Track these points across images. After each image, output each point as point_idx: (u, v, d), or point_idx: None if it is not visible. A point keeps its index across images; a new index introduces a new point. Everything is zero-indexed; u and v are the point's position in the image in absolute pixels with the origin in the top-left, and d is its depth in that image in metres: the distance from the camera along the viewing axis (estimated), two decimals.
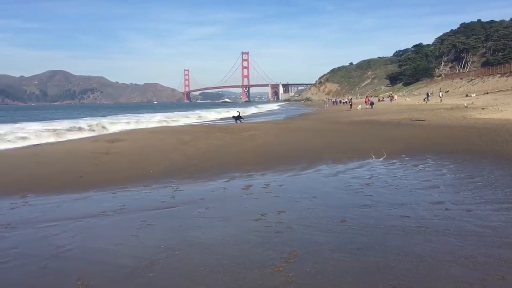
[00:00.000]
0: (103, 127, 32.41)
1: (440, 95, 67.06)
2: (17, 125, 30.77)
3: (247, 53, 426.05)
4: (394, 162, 13.00)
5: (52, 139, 24.18)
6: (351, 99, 75.40)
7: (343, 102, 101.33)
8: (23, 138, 23.46)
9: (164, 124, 39.06)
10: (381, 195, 8.96)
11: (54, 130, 27.45)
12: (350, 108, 56.54)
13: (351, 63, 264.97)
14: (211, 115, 56.72)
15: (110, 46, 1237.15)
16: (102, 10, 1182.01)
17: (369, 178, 10.72)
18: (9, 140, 22.36)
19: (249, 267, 5.31)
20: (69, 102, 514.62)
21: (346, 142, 17.77)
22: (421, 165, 12.37)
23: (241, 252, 5.82)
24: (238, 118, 34.48)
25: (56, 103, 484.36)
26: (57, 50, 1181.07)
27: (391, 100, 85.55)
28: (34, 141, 22.85)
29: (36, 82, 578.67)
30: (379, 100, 55.81)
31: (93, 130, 30.20)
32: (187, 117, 50.48)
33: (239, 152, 15.86)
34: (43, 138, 24.29)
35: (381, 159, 13.70)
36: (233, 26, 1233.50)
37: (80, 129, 30.09)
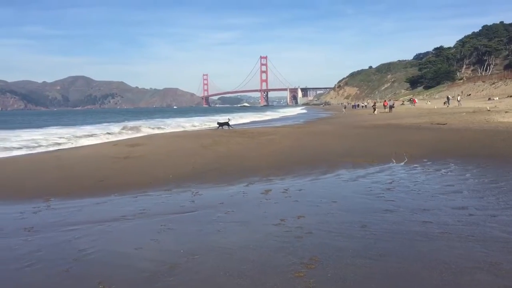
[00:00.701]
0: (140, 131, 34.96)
1: (458, 99, 65.85)
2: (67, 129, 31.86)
3: (266, 58, 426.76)
4: (416, 167, 12.83)
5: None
6: (374, 103, 72.28)
7: (363, 106, 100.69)
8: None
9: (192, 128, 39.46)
10: (403, 200, 8.83)
11: (110, 133, 29.02)
12: (374, 112, 55.14)
13: (370, 67, 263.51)
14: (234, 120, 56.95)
15: (131, 51, 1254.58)
16: (123, 16, 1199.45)
17: (390, 183, 10.59)
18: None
19: (270, 272, 5.27)
20: (90, 107, 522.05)
21: (366, 146, 17.61)
22: (443, 170, 12.17)
23: (261, 257, 5.79)
24: (224, 124, 33.25)
25: (77, 108, 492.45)
26: (78, 56, 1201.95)
27: (412, 103, 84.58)
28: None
29: (58, 88, 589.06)
30: (402, 103, 54.24)
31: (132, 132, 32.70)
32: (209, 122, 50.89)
33: (258, 156, 15.84)
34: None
35: (402, 163, 13.53)
36: (251, 31, 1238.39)
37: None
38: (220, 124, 33.04)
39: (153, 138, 24.86)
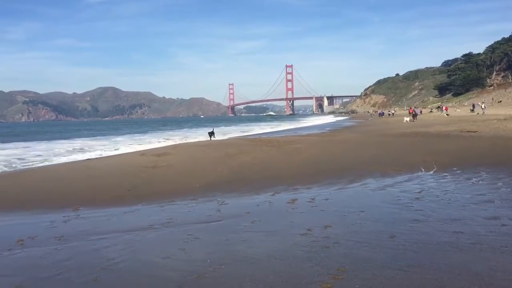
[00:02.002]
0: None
1: (482, 106, 64.03)
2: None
3: (291, 66, 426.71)
4: (445, 176, 12.57)
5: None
6: (413, 110, 66.42)
7: (389, 114, 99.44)
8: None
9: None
10: (432, 209, 8.65)
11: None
12: (414, 119, 53.19)
13: (397, 74, 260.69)
14: (257, 130, 57.06)
15: (158, 62, 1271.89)
16: (151, 28, 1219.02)
17: (419, 192, 10.39)
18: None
19: (296, 283, 5.22)
20: (118, 117, 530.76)
21: (393, 155, 17.36)
22: (474, 179, 11.89)
23: (288, 268, 5.74)
24: (211, 134, 34.38)
25: (106, 118, 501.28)
26: (107, 67, 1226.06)
27: (442, 111, 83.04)
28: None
29: (88, 99, 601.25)
30: (431, 110, 52.48)
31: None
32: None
33: (284, 165, 15.78)
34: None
35: (431, 172, 13.28)
36: (277, 40, 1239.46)
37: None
38: (210, 134, 34.49)
39: (179, 147, 25.06)
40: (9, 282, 5.68)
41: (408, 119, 51.52)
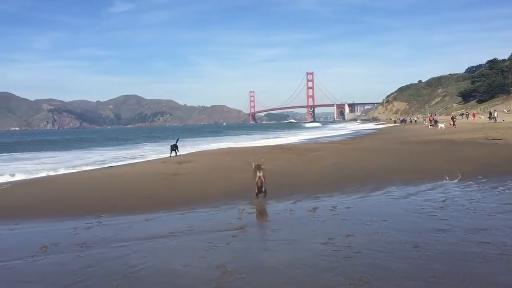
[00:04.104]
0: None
1: (495, 114, 62.47)
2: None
3: (312, 73, 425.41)
4: (470, 184, 12.31)
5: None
6: (453, 117, 63.35)
7: (411, 121, 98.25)
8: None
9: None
10: (457, 219, 8.46)
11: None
12: (435, 125, 52.46)
13: (420, 81, 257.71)
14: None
15: (180, 70, 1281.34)
16: (173, 36, 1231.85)
17: (443, 201, 10.19)
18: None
19: None
20: (140, 124, 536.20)
21: (416, 163, 17.10)
22: (500, 187, 11.61)
23: (309, 277, 5.67)
24: (174, 149, 26.09)
25: (128, 126, 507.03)
26: (130, 75, 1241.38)
27: (467, 118, 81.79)
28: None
29: (111, 106, 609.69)
30: (452, 119, 51.35)
31: None
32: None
33: (305, 173, 15.69)
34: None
35: (455, 180, 13.03)
36: (297, 47, 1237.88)
37: None
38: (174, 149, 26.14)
39: (200, 155, 25.17)
40: None
41: (443, 125, 50.49)
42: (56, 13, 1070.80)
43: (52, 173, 20.84)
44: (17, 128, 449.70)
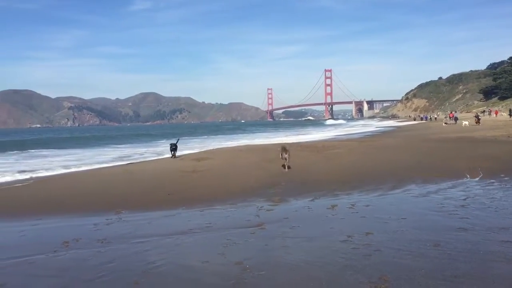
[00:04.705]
0: None
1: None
2: None
3: (330, 70, 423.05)
4: (492, 182, 12.11)
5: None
6: (477, 114, 61.76)
7: (430, 118, 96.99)
8: None
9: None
10: (479, 217, 8.34)
11: None
12: (455, 123, 51.65)
13: (440, 78, 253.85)
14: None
15: (198, 68, 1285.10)
16: (191, 34, 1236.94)
17: (464, 199, 10.05)
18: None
19: None
20: (159, 122, 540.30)
21: (436, 161, 16.88)
22: None
23: (328, 275, 5.65)
24: (174, 148, 22.99)
25: (147, 123, 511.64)
26: (149, 73, 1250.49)
27: (489, 115, 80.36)
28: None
29: (130, 104, 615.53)
30: (477, 117, 50.12)
31: None
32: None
33: (323, 170, 15.63)
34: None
35: (476, 178, 12.83)
36: (316, 44, 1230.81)
37: None
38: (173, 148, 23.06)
39: (218, 152, 25.26)
40: (54, 283, 5.85)
41: (467, 122, 49.57)
42: (77, 11, 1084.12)
43: (72, 169, 21.13)
44: (39, 125, 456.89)
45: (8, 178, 18.28)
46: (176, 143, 23.16)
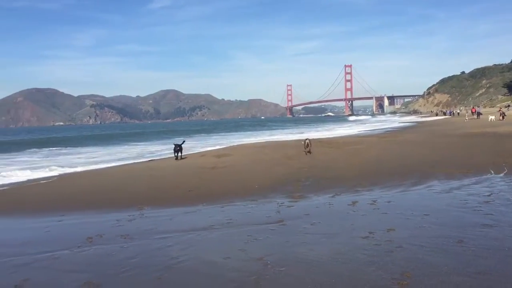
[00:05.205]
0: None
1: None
2: None
3: (350, 66, 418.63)
4: None
5: None
6: (502, 111, 58.92)
7: (452, 113, 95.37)
8: None
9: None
10: (503, 214, 8.19)
11: None
12: (478, 118, 50.66)
13: (463, 72, 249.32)
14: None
15: (218, 64, 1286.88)
16: (211, 31, 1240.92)
17: (488, 195, 9.87)
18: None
19: (359, 287, 5.10)
20: (179, 119, 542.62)
21: (459, 156, 16.63)
22: None
23: (350, 271, 5.62)
24: (178, 149, 20.92)
25: (167, 120, 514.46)
26: (169, 70, 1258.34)
27: None
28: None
29: (151, 101, 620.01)
30: (502, 113, 48.56)
31: None
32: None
33: (344, 166, 15.54)
34: None
35: (501, 174, 12.59)
36: (335, 40, 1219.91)
37: None
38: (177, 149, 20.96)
39: (238, 148, 25.32)
40: (79, 278, 5.94)
41: (493, 117, 48.37)
42: (97, 10, 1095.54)
43: (95, 167, 21.45)
44: (62, 123, 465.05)
45: (33, 175, 18.65)
46: (182, 144, 21.25)
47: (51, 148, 42.85)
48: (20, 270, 6.43)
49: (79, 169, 20.48)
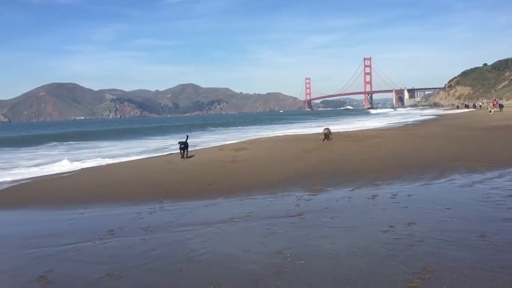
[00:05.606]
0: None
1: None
2: None
3: (370, 59, 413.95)
4: None
5: None
6: (497, 102, 59.41)
7: (477, 106, 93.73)
8: None
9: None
10: None
11: None
12: (500, 110, 49.91)
13: (485, 64, 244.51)
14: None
15: (236, 58, 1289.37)
16: (229, 25, 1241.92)
17: None
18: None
19: (379, 281, 5.07)
20: (197, 113, 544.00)
21: (482, 149, 16.35)
22: None
23: (370, 265, 5.58)
24: (183, 147, 18.96)
25: (186, 114, 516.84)
26: (187, 65, 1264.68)
27: None
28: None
29: (169, 96, 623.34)
30: None
31: None
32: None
33: (363, 160, 15.42)
34: None
35: None
36: (354, 32, 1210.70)
37: None
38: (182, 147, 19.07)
39: (257, 142, 25.30)
40: (101, 269, 6.04)
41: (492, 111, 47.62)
42: (116, 5, 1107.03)
43: (114, 160, 21.69)
44: (82, 117, 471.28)
45: (55, 168, 18.97)
46: (186, 140, 19.40)
47: (70, 142, 43.55)
48: (44, 261, 6.57)
49: (99, 162, 20.74)
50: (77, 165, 19.70)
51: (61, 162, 21.22)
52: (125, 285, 5.47)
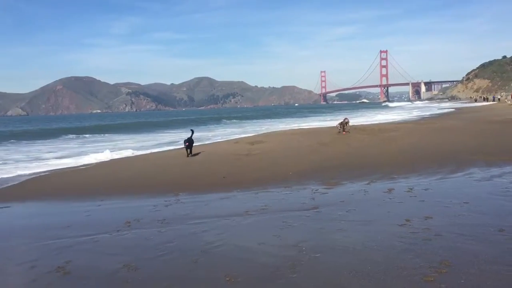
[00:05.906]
0: None
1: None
2: None
3: (386, 52, 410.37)
4: None
5: None
6: None
7: (495, 99, 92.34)
8: None
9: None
10: None
11: None
12: None
13: (504, 56, 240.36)
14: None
15: (251, 51, 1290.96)
16: (244, 18, 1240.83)
17: None
18: None
19: (396, 275, 5.04)
20: (212, 106, 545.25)
21: (501, 143, 16.11)
22: None
23: (387, 259, 5.55)
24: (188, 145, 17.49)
25: (201, 107, 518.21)
26: (203, 58, 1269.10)
27: None
28: None
29: (185, 89, 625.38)
30: None
31: None
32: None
33: (379, 154, 15.31)
34: None
35: None
36: (371, 25, 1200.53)
37: None
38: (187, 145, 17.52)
39: (272, 135, 25.31)
40: (118, 260, 6.11)
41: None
42: None
43: (130, 153, 21.86)
44: (99, 111, 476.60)
45: (72, 161, 19.20)
46: (191, 136, 17.90)
47: (90, 135, 44.07)
48: (63, 252, 6.67)
49: (115, 155, 20.92)
50: (93, 158, 19.84)
51: (79, 155, 21.51)
52: (142, 276, 5.52)
